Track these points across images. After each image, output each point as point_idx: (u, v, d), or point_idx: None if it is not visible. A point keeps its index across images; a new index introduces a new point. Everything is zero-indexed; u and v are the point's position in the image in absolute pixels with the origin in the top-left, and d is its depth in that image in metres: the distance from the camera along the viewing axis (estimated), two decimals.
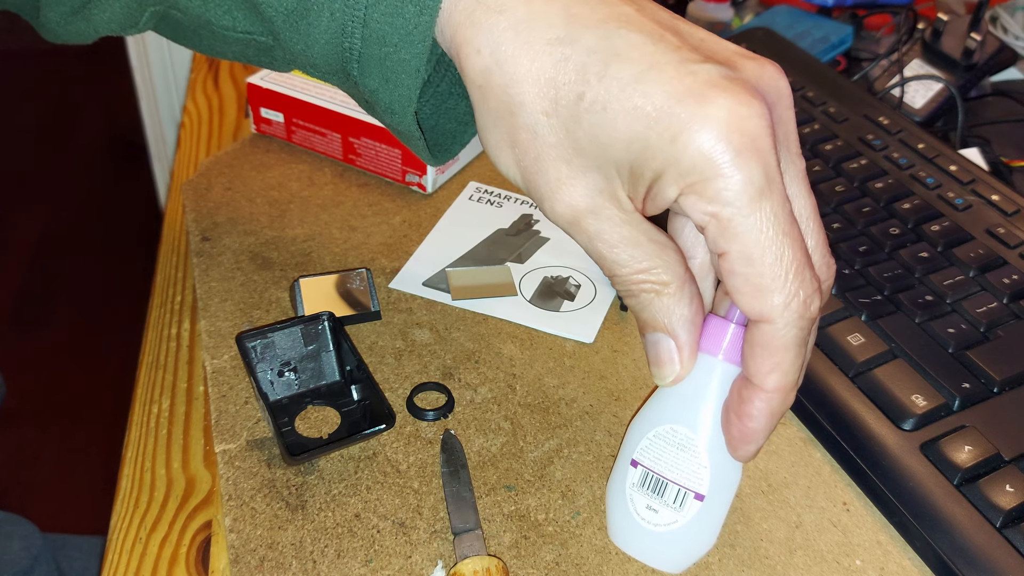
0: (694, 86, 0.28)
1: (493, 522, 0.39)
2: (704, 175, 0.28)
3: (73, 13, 0.36)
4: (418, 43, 0.31)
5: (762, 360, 0.30)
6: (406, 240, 0.55)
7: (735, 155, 0.27)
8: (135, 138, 1.75)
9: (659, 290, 0.31)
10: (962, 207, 0.52)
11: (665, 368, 0.33)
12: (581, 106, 0.29)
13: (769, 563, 0.38)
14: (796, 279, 0.29)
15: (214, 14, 0.34)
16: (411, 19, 0.31)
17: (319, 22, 0.32)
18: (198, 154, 0.64)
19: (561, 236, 0.56)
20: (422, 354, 0.48)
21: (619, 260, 0.31)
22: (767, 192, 0.28)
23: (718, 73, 0.28)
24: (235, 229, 0.55)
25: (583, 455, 0.43)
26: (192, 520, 0.40)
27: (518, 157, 0.31)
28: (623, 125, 0.28)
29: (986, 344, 0.44)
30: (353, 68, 0.33)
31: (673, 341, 0.32)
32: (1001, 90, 0.71)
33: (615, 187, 0.30)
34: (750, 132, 0.27)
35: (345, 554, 0.38)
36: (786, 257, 0.28)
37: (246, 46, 0.36)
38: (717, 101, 0.27)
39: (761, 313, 0.29)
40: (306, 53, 0.34)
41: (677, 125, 0.28)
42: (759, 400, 0.31)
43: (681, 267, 0.31)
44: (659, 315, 0.32)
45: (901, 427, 0.41)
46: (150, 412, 0.45)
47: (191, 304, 0.51)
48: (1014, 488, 0.38)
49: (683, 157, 0.28)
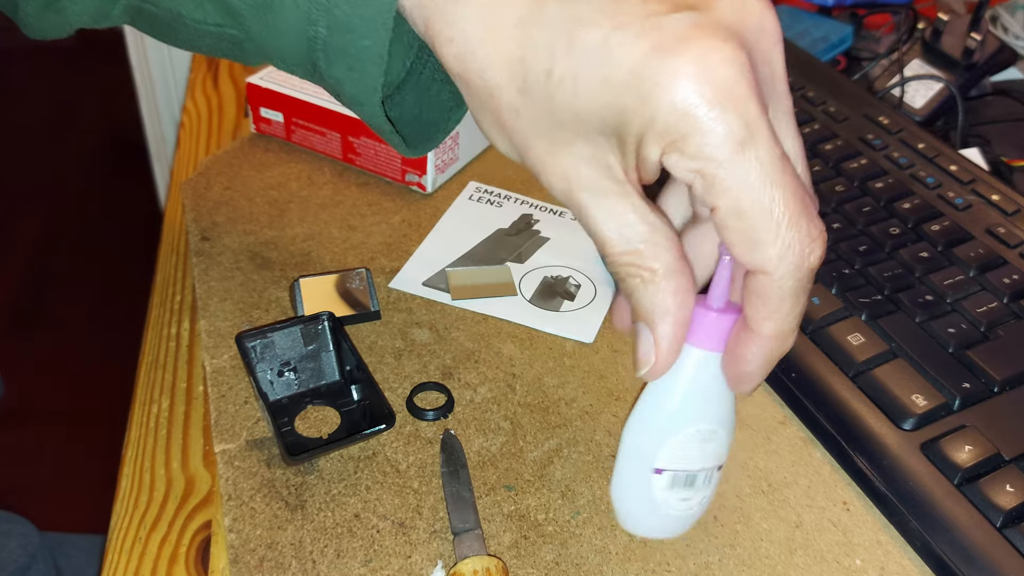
0: (661, 41, 0.26)
1: (493, 522, 0.39)
2: (681, 132, 0.27)
3: (46, 6, 0.36)
4: (380, 28, 0.31)
5: (758, 308, 0.29)
6: (406, 240, 0.55)
7: (709, 107, 0.26)
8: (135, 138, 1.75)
9: (645, 277, 0.30)
10: (962, 207, 0.52)
11: (640, 360, 0.31)
12: (552, 82, 0.28)
13: (769, 563, 0.38)
14: (791, 229, 0.28)
15: (185, 7, 0.34)
16: (373, 3, 0.31)
17: (283, 11, 0.32)
18: (198, 154, 0.64)
19: (561, 236, 0.56)
20: (422, 354, 0.48)
21: (608, 237, 0.30)
22: (750, 141, 0.27)
23: (687, 22, 0.27)
24: (235, 229, 0.55)
25: (583, 455, 0.43)
26: (192, 520, 0.40)
27: (508, 136, 0.31)
28: (596, 95, 0.28)
29: (986, 344, 0.44)
30: (319, 58, 0.33)
31: (651, 333, 0.31)
32: (1001, 90, 0.71)
33: (605, 155, 0.29)
34: (723, 80, 0.26)
35: (345, 554, 0.38)
36: (778, 207, 0.27)
37: (218, 39, 0.36)
38: (685, 53, 0.26)
39: (756, 265, 0.28)
40: (274, 45, 0.33)
41: (647, 85, 0.27)
42: (755, 345, 0.31)
43: (671, 253, 0.30)
44: (643, 303, 0.30)
45: (901, 427, 0.41)
46: (150, 412, 0.45)
47: (191, 304, 0.51)
48: (1014, 488, 0.38)
49: (657, 117, 0.27)
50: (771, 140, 0.27)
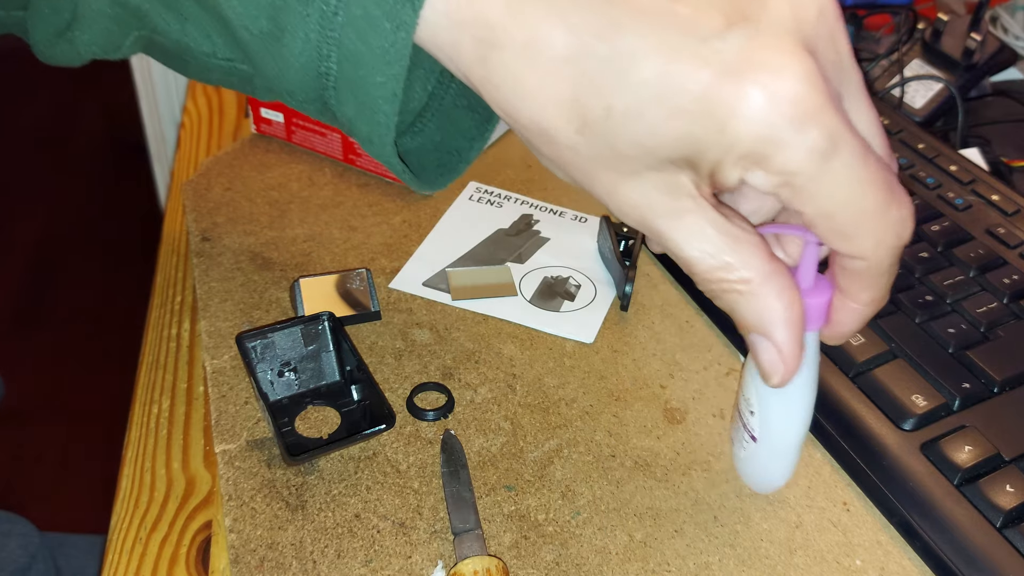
0: (726, 67, 0.26)
1: (493, 522, 0.39)
2: (763, 154, 0.26)
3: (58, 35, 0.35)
4: (394, 63, 0.29)
5: (856, 283, 0.30)
6: (406, 240, 0.55)
7: (789, 126, 0.26)
8: (135, 138, 1.75)
9: (741, 289, 0.29)
10: (962, 207, 0.52)
11: (767, 370, 0.31)
12: (613, 118, 0.27)
13: (769, 563, 0.38)
14: (882, 218, 0.28)
15: (193, 39, 0.33)
16: (387, 36, 0.29)
17: (293, 45, 0.30)
18: (198, 154, 0.64)
19: (561, 236, 0.56)
20: (422, 354, 0.48)
21: (693, 257, 0.29)
22: (833, 149, 0.26)
23: (746, 41, 0.26)
24: (235, 229, 0.55)
25: (583, 455, 0.43)
26: (192, 520, 0.40)
27: (570, 172, 0.30)
28: (663, 127, 0.27)
29: (986, 344, 0.44)
30: (330, 95, 0.31)
31: (770, 342, 0.30)
32: (1001, 90, 0.71)
33: (675, 177, 0.29)
34: (798, 96, 0.26)
35: (345, 554, 0.38)
36: (868, 203, 0.27)
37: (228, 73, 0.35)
38: (755, 77, 0.26)
39: (851, 253, 0.29)
40: (281, 79, 0.32)
41: (722, 114, 0.26)
42: (854, 312, 0.31)
43: (761, 258, 0.29)
44: (748, 315, 0.30)
45: (901, 427, 0.41)
46: (150, 412, 0.45)
47: (191, 304, 0.51)
48: (1014, 488, 0.38)
49: (737, 143, 0.26)
50: (853, 140, 0.27)
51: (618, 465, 0.42)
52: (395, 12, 0.28)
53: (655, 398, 0.46)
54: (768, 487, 0.41)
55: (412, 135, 0.39)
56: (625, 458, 0.43)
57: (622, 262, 0.51)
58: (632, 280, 0.50)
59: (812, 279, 0.32)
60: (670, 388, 0.46)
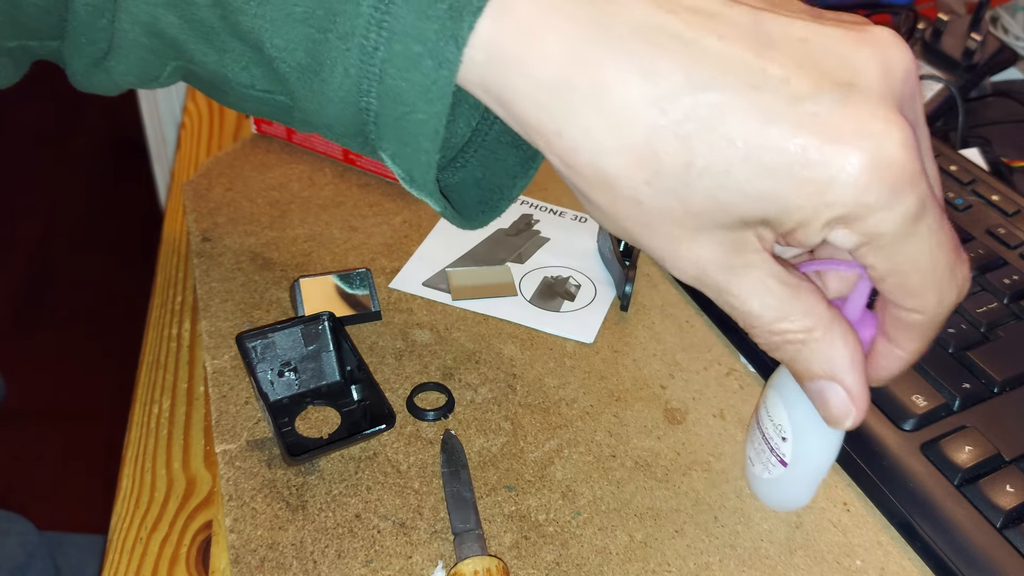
0: (823, 130, 0.25)
1: (493, 522, 0.40)
2: (857, 215, 0.26)
3: (94, 64, 0.34)
4: (437, 101, 0.28)
5: (905, 335, 0.30)
6: (406, 240, 0.55)
7: (888, 192, 0.26)
8: (135, 138, 1.75)
9: (804, 338, 0.29)
10: (962, 207, 0.52)
11: (838, 415, 0.31)
12: (692, 172, 0.26)
13: (769, 563, 0.38)
14: (949, 281, 0.28)
15: (231, 70, 0.32)
16: (429, 74, 0.28)
17: (332, 79, 0.29)
18: (198, 154, 0.64)
19: (561, 236, 0.56)
20: (422, 354, 0.48)
21: (752, 311, 0.29)
22: (922, 213, 0.26)
23: (839, 106, 0.26)
24: (236, 229, 0.55)
25: (584, 455, 0.43)
26: (192, 520, 0.40)
27: (623, 224, 0.29)
28: (752, 186, 0.26)
29: (986, 344, 0.44)
30: (371, 131, 0.30)
31: (840, 387, 0.30)
32: (1001, 90, 0.71)
33: (744, 235, 0.28)
34: (897, 163, 0.25)
35: (346, 554, 0.38)
36: (940, 265, 0.28)
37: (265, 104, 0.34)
38: (858, 143, 0.25)
39: (911, 308, 0.29)
40: (320, 112, 0.31)
41: (822, 177, 0.26)
42: (899, 359, 0.32)
43: (822, 306, 0.29)
44: (815, 364, 0.30)
45: (901, 427, 0.41)
46: (150, 412, 0.45)
47: (191, 304, 0.51)
48: (1014, 488, 0.38)
49: (834, 206, 0.26)
50: (938, 207, 0.27)
51: (618, 465, 0.42)
52: (438, 50, 0.27)
53: (655, 398, 0.46)
54: (790, 508, 0.41)
55: (454, 170, 0.38)
56: (625, 458, 0.43)
57: (622, 262, 0.51)
58: (632, 280, 0.50)
59: (860, 313, 0.32)
60: (670, 388, 0.46)
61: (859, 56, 0.26)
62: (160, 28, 0.31)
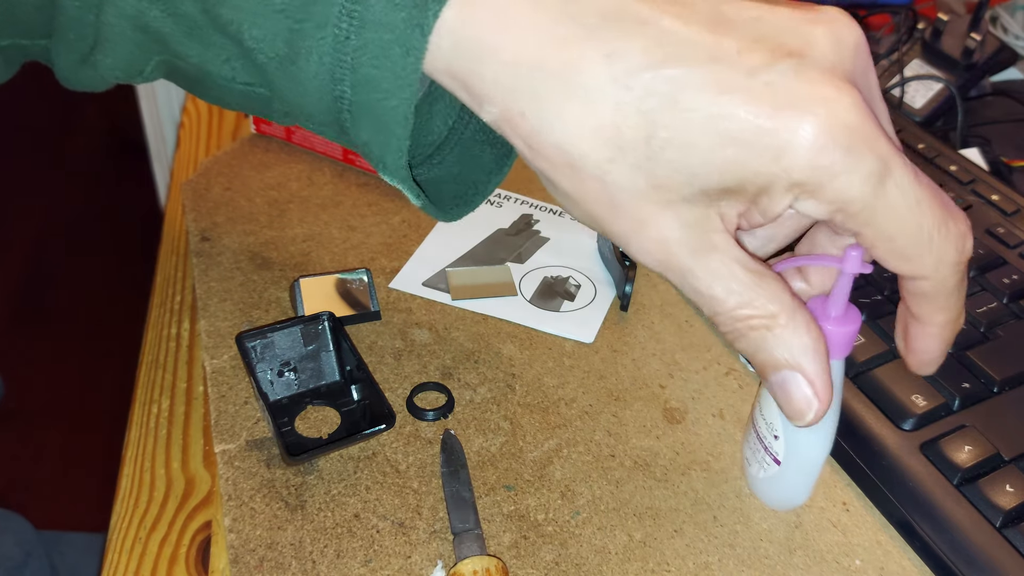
0: (778, 99, 0.26)
1: (493, 522, 0.39)
2: (819, 181, 0.27)
3: (81, 61, 0.35)
4: (406, 87, 0.29)
5: (926, 306, 0.30)
6: (406, 240, 0.55)
7: (844, 154, 0.26)
8: (135, 138, 1.75)
9: (768, 324, 0.29)
10: (962, 207, 0.52)
11: (801, 408, 0.30)
12: (654, 145, 0.27)
13: (769, 563, 0.38)
14: (941, 238, 0.28)
15: (213, 64, 0.33)
16: (398, 61, 0.29)
17: (308, 67, 0.30)
18: (198, 154, 0.64)
19: (561, 236, 0.56)
20: (422, 354, 0.48)
21: (716, 296, 0.29)
22: (887, 172, 0.27)
23: (793, 74, 0.26)
24: (235, 229, 0.55)
25: (583, 455, 0.43)
26: (192, 520, 0.40)
27: (589, 207, 0.29)
28: (714, 155, 0.27)
29: (986, 344, 0.44)
30: (346, 119, 0.31)
31: (801, 375, 0.30)
32: (1001, 90, 0.71)
33: (705, 212, 0.29)
34: (851, 125, 0.26)
35: (345, 554, 0.38)
36: (926, 223, 0.27)
37: (246, 98, 0.35)
38: (811, 108, 0.26)
39: (914, 274, 0.29)
40: (299, 103, 0.32)
41: (778, 143, 0.26)
42: (932, 337, 0.31)
43: (786, 294, 0.29)
44: (777, 351, 0.30)
45: (901, 427, 0.41)
46: (150, 412, 0.45)
47: (191, 304, 0.51)
48: (1014, 488, 0.38)
49: (792, 170, 0.27)
50: (904, 163, 0.27)
51: (618, 465, 0.42)
52: (405, 37, 0.28)
53: (655, 398, 0.46)
54: (788, 506, 0.41)
55: (430, 167, 0.39)
56: (625, 458, 0.43)
57: (622, 262, 0.51)
58: (632, 280, 0.50)
59: (843, 308, 0.33)
60: (670, 388, 0.46)
61: (811, 31, 0.27)
62: (145, 22, 0.32)
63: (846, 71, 0.28)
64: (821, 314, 0.33)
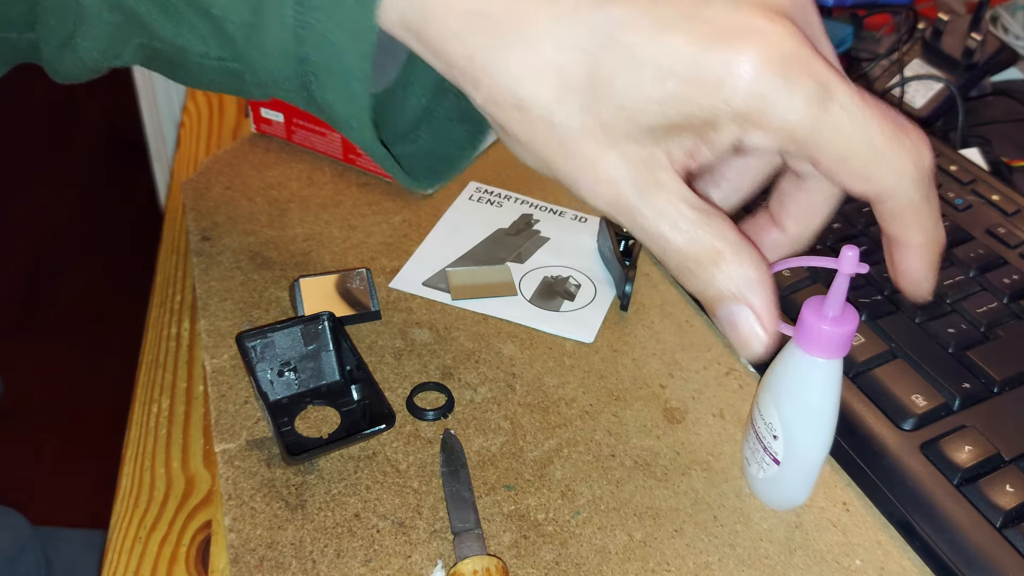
0: (715, 32, 0.27)
1: (493, 522, 0.39)
2: (761, 110, 0.27)
3: (63, 45, 0.36)
4: (363, 43, 0.30)
5: (899, 227, 0.30)
6: (406, 240, 0.55)
7: (781, 80, 0.27)
8: (135, 138, 1.75)
9: (714, 260, 0.29)
10: (962, 207, 0.52)
11: (748, 340, 0.30)
12: (599, 84, 0.28)
13: (769, 563, 0.38)
14: (896, 150, 0.28)
15: (187, 40, 0.34)
16: (353, 15, 0.30)
17: (272, 31, 0.31)
18: (198, 153, 0.64)
19: (561, 236, 0.56)
20: (422, 354, 0.48)
21: (664, 234, 0.29)
22: (827, 95, 0.27)
23: (728, 10, 0.27)
24: (235, 228, 0.55)
25: (583, 455, 0.43)
26: (192, 520, 0.40)
27: (538, 148, 0.30)
28: (652, 92, 0.28)
29: (986, 344, 0.44)
30: (311, 81, 0.32)
31: (748, 308, 0.30)
32: (1001, 90, 0.71)
33: (651, 150, 0.29)
34: (786, 52, 0.27)
35: (345, 554, 0.38)
36: (877, 140, 0.28)
37: (220, 73, 0.35)
38: (747, 36, 0.27)
39: (877, 193, 0.29)
40: (268, 69, 0.32)
41: (716, 74, 0.27)
42: (914, 257, 0.31)
43: (732, 231, 0.30)
44: (723, 285, 0.30)
45: (901, 427, 0.41)
46: (150, 412, 0.45)
47: (191, 304, 0.51)
48: (1014, 488, 0.38)
49: (734, 99, 0.27)
50: (845, 83, 0.28)
51: (618, 465, 0.42)
52: None
53: (655, 398, 0.46)
54: (787, 506, 0.41)
55: (406, 144, 0.40)
56: (625, 458, 0.43)
57: (622, 262, 0.51)
58: (632, 280, 0.50)
59: (840, 307, 0.33)
60: (670, 388, 0.46)
61: None
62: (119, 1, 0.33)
63: (782, 6, 0.28)
64: (819, 314, 0.33)
